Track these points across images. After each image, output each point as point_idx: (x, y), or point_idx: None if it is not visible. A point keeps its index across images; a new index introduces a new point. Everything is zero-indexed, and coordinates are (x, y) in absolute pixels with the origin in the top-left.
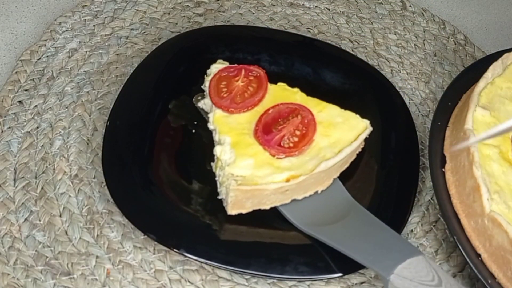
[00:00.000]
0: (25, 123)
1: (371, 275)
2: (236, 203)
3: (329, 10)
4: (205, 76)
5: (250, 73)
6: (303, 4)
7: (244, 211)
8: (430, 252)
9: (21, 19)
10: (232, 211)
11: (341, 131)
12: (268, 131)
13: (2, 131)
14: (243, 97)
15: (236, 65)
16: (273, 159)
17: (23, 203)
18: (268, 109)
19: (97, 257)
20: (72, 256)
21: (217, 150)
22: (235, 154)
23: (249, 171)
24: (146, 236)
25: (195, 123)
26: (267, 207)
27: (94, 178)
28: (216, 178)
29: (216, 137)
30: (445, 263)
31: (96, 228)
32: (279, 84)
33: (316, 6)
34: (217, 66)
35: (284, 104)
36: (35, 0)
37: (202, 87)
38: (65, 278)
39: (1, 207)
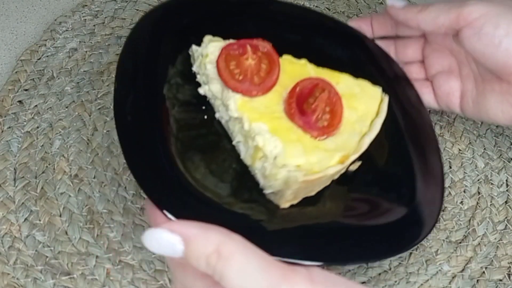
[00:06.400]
0: (25, 123)
1: (371, 275)
2: (296, 195)
3: (329, 10)
4: (194, 56)
5: (257, 49)
6: (303, 4)
7: (295, 202)
8: (430, 252)
9: (21, 19)
10: (286, 204)
11: (364, 102)
12: (303, 111)
13: (2, 131)
14: (259, 77)
15: (236, 41)
16: (315, 141)
17: (23, 203)
18: (295, 87)
19: (97, 257)
20: (72, 256)
21: (259, 140)
22: (281, 142)
23: (302, 159)
24: None
25: (203, 108)
26: (313, 193)
27: (94, 178)
28: (256, 172)
29: (245, 126)
30: (445, 263)
31: (96, 228)
32: (284, 57)
33: (316, 6)
34: (214, 45)
35: (305, 80)
36: (35, 0)
37: (194, 69)
38: (65, 278)
39: (1, 207)
